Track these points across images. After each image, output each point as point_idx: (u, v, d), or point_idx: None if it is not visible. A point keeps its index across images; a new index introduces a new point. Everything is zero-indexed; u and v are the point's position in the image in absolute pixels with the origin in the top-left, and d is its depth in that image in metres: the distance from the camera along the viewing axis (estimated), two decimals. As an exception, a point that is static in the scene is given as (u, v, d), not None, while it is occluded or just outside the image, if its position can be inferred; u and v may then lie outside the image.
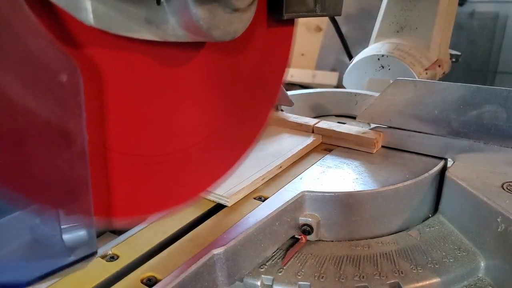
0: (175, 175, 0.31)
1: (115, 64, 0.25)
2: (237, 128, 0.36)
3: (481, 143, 0.41)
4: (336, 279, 0.34)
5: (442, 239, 0.38)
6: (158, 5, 0.24)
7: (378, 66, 0.77)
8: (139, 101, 0.28)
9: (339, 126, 0.50)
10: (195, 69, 0.31)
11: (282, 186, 0.39)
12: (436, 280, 0.33)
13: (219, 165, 0.35)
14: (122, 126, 0.27)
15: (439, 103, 0.43)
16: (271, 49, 0.37)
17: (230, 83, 0.35)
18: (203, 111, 0.33)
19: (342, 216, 0.38)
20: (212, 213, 0.36)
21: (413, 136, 0.45)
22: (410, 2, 0.80)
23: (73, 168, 0.23)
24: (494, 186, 0.37)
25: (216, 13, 0.25)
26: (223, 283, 0.31)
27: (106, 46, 0.24)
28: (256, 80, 0.37)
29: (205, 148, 0.33)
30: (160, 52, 0.27)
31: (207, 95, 0.33)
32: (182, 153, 0.32)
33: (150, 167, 0.29)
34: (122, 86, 0.26)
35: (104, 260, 0.30)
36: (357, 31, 1.41)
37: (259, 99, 0.38)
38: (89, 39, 0.23)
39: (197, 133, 0.33)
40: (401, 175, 0.40)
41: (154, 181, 0.30)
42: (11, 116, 0.19)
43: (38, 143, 0.21)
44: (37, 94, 0.20)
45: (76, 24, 0.22)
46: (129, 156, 0.28)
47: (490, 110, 0.40)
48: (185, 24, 0.25)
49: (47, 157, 0.21)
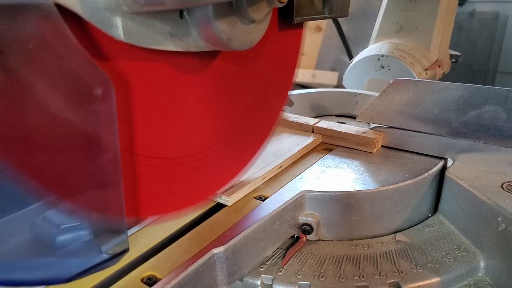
0: (194, 176, 0.33)
1: (140, 74, 0.27)
2: (249, 130, 0.38)
3: (480, 143, 0.41)
4: (336, 278, 0.34)
5: (442, 239, 0.38)
6: (181, 19, 0.26)
7: (378, 66, 0.77)
8: (161, 108, 0.29)
9: (339, 126, 0.50)
10: (211, 75, 0.32)
11: (282, 186, 0.39)
12: (436, 279, 0.33)
13: (232, 165, 0.37)
14: (146, 131, 0.28)
15: (439, 103, 0.43)
16: (281, 53, 0.38)
17: (243, 88, 0.36)
18: (218, 116, 0.34)
19: (342, 215, 0.38)
20: (212, 212, 0.36)
21: (413, 136, 0.45)
22: (410, 2, 0.80)
23: (107, 173, 0.24)
24: (494, 186, 0.37)
25: (235, 25, 0.27)
26: (223, 282, 0.31)
27: (131, 58, 0.26)
28: (267, 84, 0.38)
29: (220, 150, 0.35)
30: (180, 61, 0.29)
31: (221, 101, 0.34)
32: (199, 156, 0.33)
33: (171, 169, 0.31)
34: (146, 95, 0.28)
35: (104, 259, 0.30)
36: (357, 31, 1.41)
37: (270, 102, 0.39)
38: (116, 52, 0.25)
39: (212, 137, 0.34)
40: (401, 175, 0.40)
41: (175, 182, 0.32)
42: (53, 127, 0.21)
43: (76, 151, 0.23)
44: (75, 107, 0.22)
45: (105, 39, 0.24)
46: (153, 159, 0.29)
47: (490, 110, 0.40)
48: (206, 36, 0.27)
49: (84, 163, 0.23)
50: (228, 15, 0.26)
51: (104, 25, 0.23)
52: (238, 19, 0.27)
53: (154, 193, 0.30)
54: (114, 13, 0.23)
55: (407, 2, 0.80)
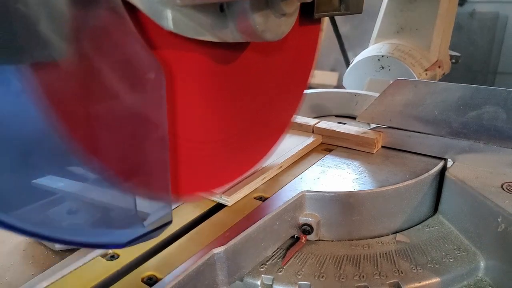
0: (224, 158, 0.36)
1: (181, 62, 0.29)
2: (272, 118, 0.41)
3: (480, 143, 0.41)
4: (336, 278, 0.34)
5: (441, 239, 0.38)
6: (221, 12, 0.29)
7: (378, 67, 0.77)
8: (197, 94, 0.32)
9: (339, 126, 0.50)
10: (239, 66, 0.35)
11: (282, 186, 0.39)
12: (435, 280, 0.33)
13: (256, 150, 0.40)
14: (185, 116, 0.31)
15: (439, 103, 0.43)
16: (301, 47, 0.41)
17: (267, 79, 0.39)
18: (244, 104, 0.37)
19: (342, 215, 0.38)
20: (212, 212, 0.36)
21: (413, 136, 0.45)
22: (410, 3, 0.80)
23: (156, 151, 0.27)
24: (494, 186, 0.37)
25: (269, 18, 0.30)
26: (223, 282, 0.31)
27: (173, 48, 0.29)
28: (289, 75, 0.41)
29: (246, 136, 0.38)
30: (213, 51, 0.32)
31: (248, 90, 0.37)
32: (229, 140, 0.36)
33: (204, 152, 0.34)
34: (186, 83, 0.30)
35: (104, 259, 0.30)
36: (357, 31, 1.41)
37: (291, 92, 0.43)
38: (161, 42, 0.27)
39: (239, 123, 0.37)
40: (401, 175, 0.40)
41: (209, 163, 0.35)
42: (113, 106, 0.24)
43: (131, 130, 0.25)
44: (132, 89, 0.25)
45: (152, 29, 0.26)
46: (191, 143, 0.32)
47: (490, 111, 0.40)
48: (242, 28, 0.29)
49: (138, 141, 0.26)
50: (263, 9, 0.29)
51: (157, 16, 0.26)
52: (271, 13, 0.30)
53: (190, 173, 0.32)
54: (166, 6, 0.25)
55: (407, 2, 0.80)
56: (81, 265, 0.29)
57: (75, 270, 0.29)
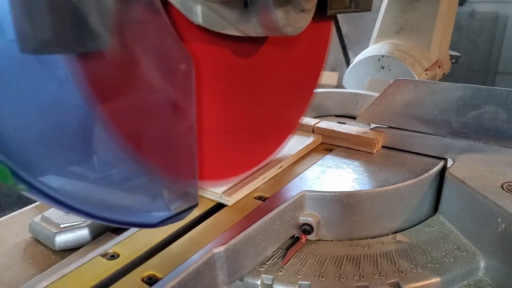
0: (242, 148, 0.39)
1: (205, 55, 0.31)
2: (287, 109, 0.44)
3: (481, 143, 0.41)
4: (336, 278, 0.34)
5: (442, 239, 0.38)
6: (245, 8, 0.31)
7: (378, 67, 0.77)
8: (220, 86, 0.34)
9: (339, 126, 0.50)
10: (257, 60, 0.37)
11: (283, 186, 0.39)
12: (436, 279, 0.33)
13: (273, 140, 0.43)
14: (207, 106, 0.33)
15: (439, 103, 0.43)
16: (315, 42, 0.44)
17: (283, 72, 0.41)
18: (261, 96, 0.39)
19: (342, 215, 0.38)
20: (212, 212, 0.36)
21: (413, 136, 0.45)
22: (410, 3, 0.80)
23: (185, 138, 0.29)
24: (494, 186, 0.37)
25: (289, 13, 0.32)
26: (223, 282, 0.31)
27: (200, 41, 0.31)
28: (303, 69, 0.44)
29: (263, 127, 0.41)
30: (235, 45, 0.34)
31: (264, 84, 0.39)
32: (248, 130, 0.39)
33: (226, 141, 0.37)
34: (209, 75, 0.32)
35: (104, 259, 0.30)
36: (357, 31, 1.41)
37: (304, 86, 0.46)
38: (189, 35, 0.30)
39: (256, 115, 0.39)
40: (401, 175, 0.40)
41: (229, 151, 0.37)
42: (149, 94, 0.26)
43: (164, 117, 0.28)
44: (165, 79, 0.27)
45: (182, 24, 0.28)
46: (213, 132, 0.35)
47: (490, 111, 0.40)
48: (264, 23, 0.32)
49: (169, 128, 0.28)
50: (284, 5, 0.31)
51: (188, 11, 0.28)
52: (292, 8, 0.32)
53: (212, 160, 0.35)
54: (196, 1, 0.28)
55: (407, 2, 0.80)
56: (81, 264, 0.29)
57: (75, 269, 0.29)
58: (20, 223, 0.51)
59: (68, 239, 0.45)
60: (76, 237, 0.45)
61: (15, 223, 0.51)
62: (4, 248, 0.46)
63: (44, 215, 0.47)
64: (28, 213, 0.53)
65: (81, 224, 0.45)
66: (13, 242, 0.47)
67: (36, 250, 0.46)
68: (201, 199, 0.38)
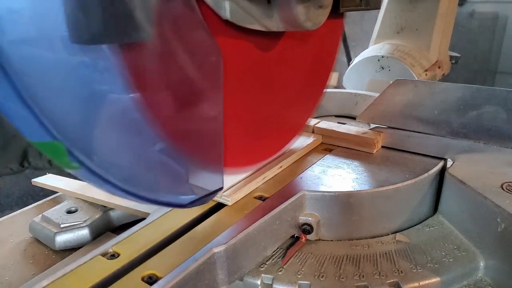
0: (262, 137, 0.41)
1: (230, 48, 0.33)
2: (302, 101, 0.46)
3: (481, 143, 0.41)
4: (336, 278, 0.34)
5: (441, 239, 0.38)
6: (268, 4, 0.33)
7: (378, 67, 0.77)
8: (243, 77, 0.37)
9: (339, 126, 0.50)
10: (275, 54, 0.39)
11: (283, 186, 0.39)
12: (435, 279, 0.33)
13: (288, 132, 0.46)
14: (231, 96, 0.34)
15: (439, 103, 0.43)
16: (328, 38, 0.46)
17: (299, 65, 0.43)
18: (281, 86, 0.42)
19: (342, 215, 0.38)
20: (212, 212, 0.36)
21: (413, 137, 0.45)
22: (410, 3, 0.80)
23: (213, 125, 0.32)
24: (494, 186, 0.37)
25: (309, 9, 0.34)
26: (223, 281, 0.32)
27: (226, 35, 0.33)
28: (317, 63, 0.47)
29: (280, 118, 0.43)
30: (256, 39, 0.36)
31: (282, 76, 0.42)
32: (266, 122, 0.41)
33: (246, 129, 0.39)
34: (234, 67, 0.34)
35: (105, 258, 0.30)
36: (357, 31, 1.41)
37: (318, 78, 0.49)
38: (215, 29, 0.31)
39: (274, 106, 0.42)
40: (401, 175, 0.40)
41: (249, 140, 0.40)
42: (183, 83, 0.29)
43: (195, 104, 0.30)
44: (198, 69, 0.29)
45: (211, 18, 0.30)
46: (236, 121, 0.37)
47: (490, 111, 0.40)
48: (286, 18, 0.34)
49: (199, 114, 0.31)
50: (304, 2, 0.33)
51: (217, 6, 0.30)
52: (311, 5, 0.34)
53: (235, 147, 0.37)
54: None
55: (407, 3, 0.80)
56: (81, 264, 0.29)
57: (75, 268, 0.29)
58: (20, 223, 0.51)
59: (68, 239, 0.45)
60: (76, 237, 0.45)
61: (15, 223, 0.51)
62: (4, 248, 0.47)
63: (44, 215, 0.47)
64: (28, 213, 0.53)
65: (81, 224, 0.45)
66: (13, 242, 0.47)
67: (36, 250, 0.46)
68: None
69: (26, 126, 0.24)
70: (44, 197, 0.57)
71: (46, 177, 0.55)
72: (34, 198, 0.73)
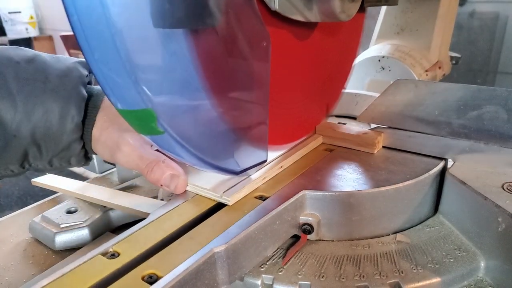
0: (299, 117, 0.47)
1: (275, 35, 0.36)
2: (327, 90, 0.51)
3: (481, 143, 0.41)
4: (336, 278, 0.34)
5: (442, 239, 0.38)
6: None
7: (378, 67, 0.77)
8: (282, 65, 0.41)
9: (339, 127, 0.50)
10: (308, 44, 0.44)
11: (283, 186, 0.39)
12: (436, 280, 0.33)
13: (318, 112, 0.51)
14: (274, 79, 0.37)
15: (439, 103, 0.43)
16: (351, 32, 0.51)
17: (326, 56, 0.48)
18: (310, 75, 0.47)
19: (343, 215, 0.38)
20: (213, 212, 0.36)
21: (414, 137, 0.45)
22: (410, 4, 0.80)
23: (261, 105, 0.37)
24: (494, 186, 0.37)
25: (344, 2, 0.39)
26: (223, 281, 0.31)
27: (272, 24, 0.37)
28: (341, 55, 0.52)
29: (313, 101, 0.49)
30: (294, 29, 0.41)
31: (314, 64, 0.47)
32: (299, 105, 0.46)
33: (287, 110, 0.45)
34: (276, 52, 0.37)
35: (105, 258, 0.30)
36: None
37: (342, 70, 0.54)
38: (265, 19, 0.35)
39: (307, 91, 0.47)
40: (401, 175, 0.40)
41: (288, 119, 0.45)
42: (240, 67, 0.34)
43: (248, 84, 0.36)
44: (252, 53, 0.34)
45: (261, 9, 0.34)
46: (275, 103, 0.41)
47: (491, 111, 0.40)
48: (323, 10, 0.39)
49: (251, 94, 0.36)
50: None
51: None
52: None
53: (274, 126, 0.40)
54: None
55: (408, 3, 0.80)
56: (81, 263, 0.29)
57: (75, 268, 0.29)
58: (20, 223, 0.51)
59: (68, 239, 0.45)
60: (76, 237, 0.45)
61: (15, 223, 0.51)
62: (4, 248, 0.47)
63: (44, 215, 0.47)
64: (28, 213, 0.53)
65: (81, 224, 0.45)
66: (13, 242, 0.47)
67: (36, 250, 0.46)
68: (201, 199, 0.38)
69: (124, 94, 0.29)
70: (44, 197, 0.57)
71: (46, 177, 0.55)
72: (34, 198, 0.73)
